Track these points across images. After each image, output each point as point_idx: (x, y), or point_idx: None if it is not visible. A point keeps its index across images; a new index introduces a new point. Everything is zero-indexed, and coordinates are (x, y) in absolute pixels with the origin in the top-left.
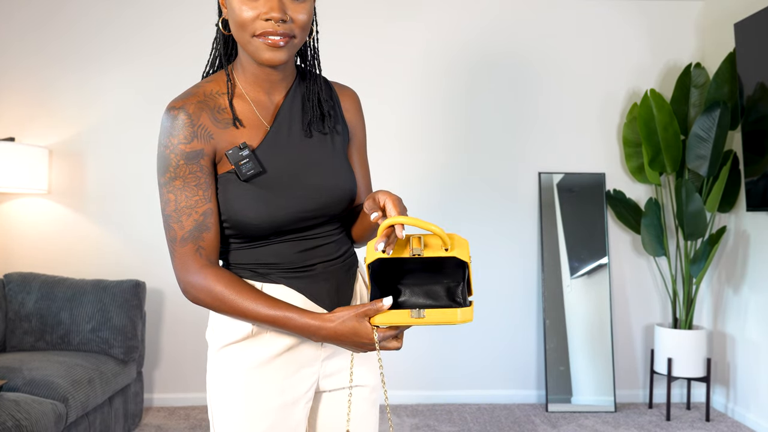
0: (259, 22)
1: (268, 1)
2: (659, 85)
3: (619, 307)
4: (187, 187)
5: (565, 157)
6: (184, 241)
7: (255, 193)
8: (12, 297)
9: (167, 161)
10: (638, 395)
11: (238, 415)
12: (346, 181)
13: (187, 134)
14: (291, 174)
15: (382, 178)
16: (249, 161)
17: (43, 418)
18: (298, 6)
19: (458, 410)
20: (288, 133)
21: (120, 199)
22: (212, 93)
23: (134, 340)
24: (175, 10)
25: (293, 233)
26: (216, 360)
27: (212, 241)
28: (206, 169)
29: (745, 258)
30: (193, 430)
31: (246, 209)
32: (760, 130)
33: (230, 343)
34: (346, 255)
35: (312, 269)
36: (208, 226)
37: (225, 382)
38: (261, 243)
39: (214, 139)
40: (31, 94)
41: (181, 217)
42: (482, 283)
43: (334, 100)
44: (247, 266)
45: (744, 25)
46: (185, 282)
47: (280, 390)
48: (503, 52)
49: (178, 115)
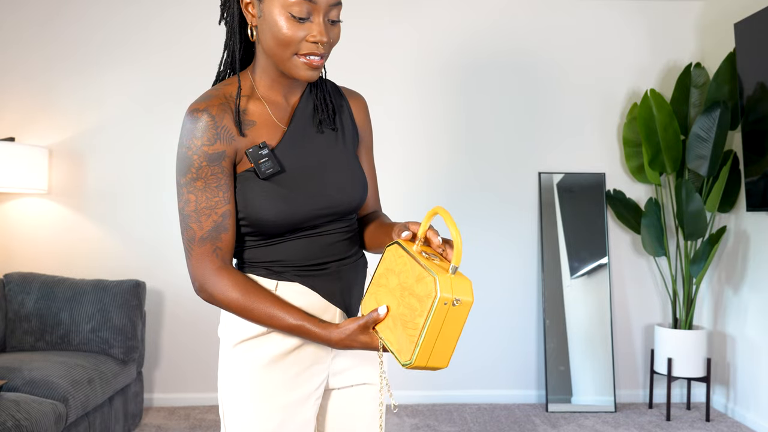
0: (304, 43)
1: (317, 26)
2: (659, 85)
3: (619, 307)
4: (208, 188)
5: (565, 157)
6: (203, 241)
7: (274, 191)
8: (12, 297)
9: (189, 162)
10: (638, 395)
11: (249, 411)
12: (357, 178)
13: (211, 136)
14: (308, 172)
15: (383, 179)
16: (268, 160)
17: (43, 418)
18: (334, 28)
19: (458, 410)
20: (303, 133)
21: (120, 199)
22: (232, 95)
23: (134, 340)
24: (175, 11)
25: (308, 230)
26: (229, 356)
27: (229, 242)
28: (227, 171)
29: (745, 258)
30: (193, 430)
31: (265, 207)
32: (760, 130)
33: (243, 340)
34: (358, 255)
35: (326, 267)
36: (226, 227)
37: (238, 378)
38: (276, 241)
39: (236, 141)
40: (31, 95)
41: (200, 218)
42: (482, 283)
43: (344, 102)
44: (263, 264)
45: (744, 25)
46: (201, 282)
47: (291, 387)
48: (503, 53)
49: (201, 117)
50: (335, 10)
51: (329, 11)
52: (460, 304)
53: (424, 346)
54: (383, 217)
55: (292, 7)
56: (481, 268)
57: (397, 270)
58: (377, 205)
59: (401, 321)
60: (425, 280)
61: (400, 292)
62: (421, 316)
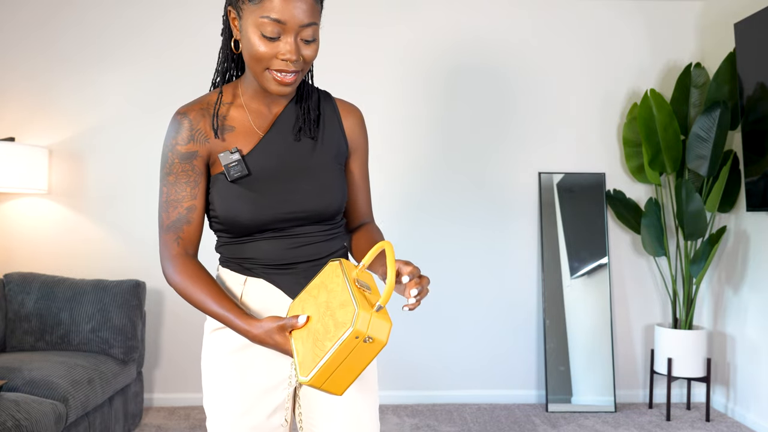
0: (275, 60)
1: (286, 44)
2: (659, 85)
3: (619, 307)
4: (178, 183)
5: (565, 157)
6: (168, 229)
7: (241, 193)
8: (12, 297)
9: (166, 159)
10: (638, 395)
11: (222, 392)
12: (331, 187)
13: (186, 137)
14: (276, 177)
15: (381, 181)
16: (237, 164)
17: (43, 418)
18: (309, 46)
19: (458, 410)
20: (279, 141)
21: (120, 199)
22: (213, 102)
23: (134, 340)
24: (174, 12)
25: (277, 231)
26: (206, 342)
27: (191, 234)
28: (198, 169)
29: (745, 258)
30: (193, 430)
31: (232, 207)
32: (760, 130)
33: (218, 329)
34: (331, 258)
35: (293, 267)
36: (189, 220)
37: (212, 361)
38: (246, 239)
39: (210, 143)
40: (31, 95)
41: (168, 208)
42: (482, 283)
43: (334, 114)
44: (235, 260)
45: (744, 25)
46: (162, 266)
47: (261, 372)
48: (503, 53)
49: (181, 120)
50: (308, 30)
51: (300, 32)
52: (371, 343)
53: (324, 369)
54: (371, 231)
55: (263, 27)
56: (481, 268)
57: (329, 287)
58: (368, 214)
59: (314, 337)
60: (347, 308)
61: (324, 309)
62: (331, 341)
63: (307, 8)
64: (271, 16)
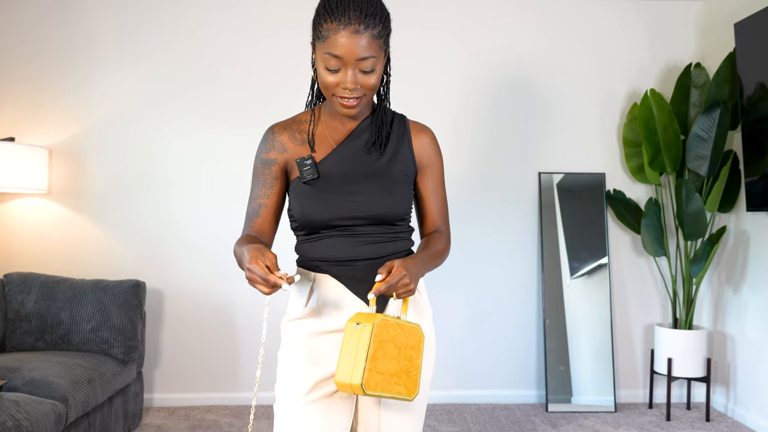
0: (338, 88)
1: (345, 75)
2: (659, 85)
3: (619, 307)
4: (257, 183)
5: (565, 157)
6: (246, 216)
7: (313, 194)
8: (12, 297)
9: (254, 163)
10: (638, 395)
11: (291, 372)
12: (393, 195)
13: (268, 147)
14: (343, 181)
15: None
16: (309, 168)
17: (43, 418)
18: (368, 76)
19: (458, 410)
20: (350, 151)
21: (120, 199)
22: (300, 120)
23: (134, 340)
24: (175, 12)
25: (342, 230)
26: (283, 331)
27: (259, 225)
28: (274, 174)
29: (745, 258)
30: (193, 430)
31: (305, 206)
32: (760, 130)
33: (292, 320)
34: (388, 258)
35: (353, 264)
36: (259, 213)
37: (285, 348)
38: (317, 237)
39: (287, 152)
40: (31, 95)
41: (250, 202)
42: (482, 283)
43: (405, 134)
44: (307, 259)
45: (744, 25)
46: None
47: (331, 357)
48: (503, 52)
49: (268, 134)
50: (366, 62)
51: (358, 64)
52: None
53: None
54: (430, 238)
55: (327, 61)
56: (481, 268)
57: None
58: (438, 225)
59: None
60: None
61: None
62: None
63: (364, 44)
64: (332, 52)
